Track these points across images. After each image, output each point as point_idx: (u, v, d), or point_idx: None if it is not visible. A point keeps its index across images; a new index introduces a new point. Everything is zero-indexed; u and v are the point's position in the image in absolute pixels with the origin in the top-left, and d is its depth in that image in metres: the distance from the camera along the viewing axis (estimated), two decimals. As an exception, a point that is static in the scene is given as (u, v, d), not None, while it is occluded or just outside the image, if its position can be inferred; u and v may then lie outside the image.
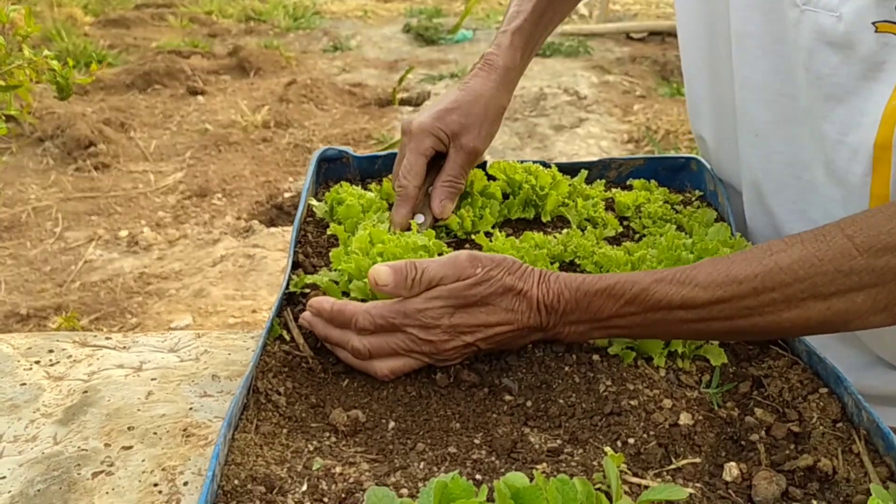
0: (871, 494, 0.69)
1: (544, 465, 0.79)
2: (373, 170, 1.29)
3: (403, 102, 5.93)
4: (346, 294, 1.00)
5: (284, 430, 0.84)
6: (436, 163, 1.14)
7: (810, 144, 0.99)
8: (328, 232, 1.10)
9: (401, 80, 6.02)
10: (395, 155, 1.30)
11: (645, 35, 7.77)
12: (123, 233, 3.88)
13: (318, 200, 1.19)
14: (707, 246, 1.03)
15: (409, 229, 1.08)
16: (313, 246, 1.12)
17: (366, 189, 1.22)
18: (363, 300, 0.95)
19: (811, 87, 0.94)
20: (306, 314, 0.95)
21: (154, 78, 5.87)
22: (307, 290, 1.02)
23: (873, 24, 0.86)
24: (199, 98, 5.74)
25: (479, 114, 1.13)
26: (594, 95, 6.25)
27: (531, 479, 0.70)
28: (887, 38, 0.86)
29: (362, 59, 7.11)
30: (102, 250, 3.73)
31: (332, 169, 1.29)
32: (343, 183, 1.19)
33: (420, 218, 1.12)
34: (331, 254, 1.04)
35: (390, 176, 1.27)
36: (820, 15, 0.91)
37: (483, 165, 1.26)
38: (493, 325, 0.87)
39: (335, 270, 1.01)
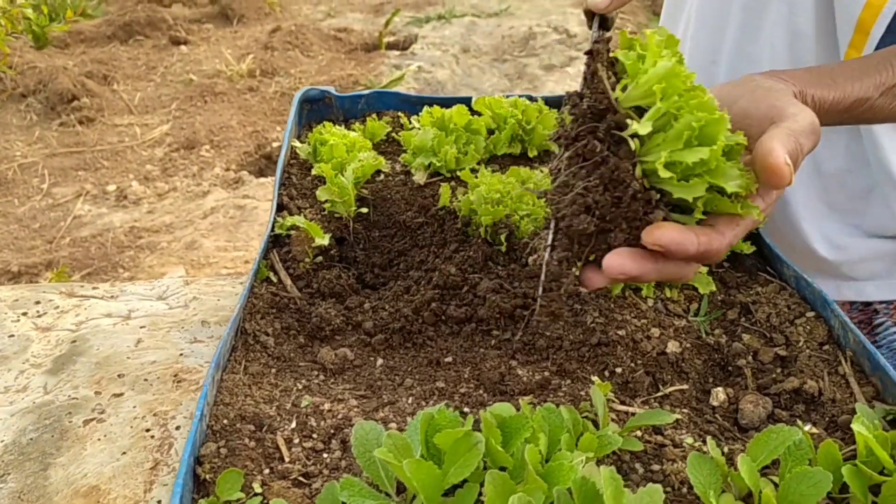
0: (856, 414, 0.70)
1: (531, 396, 0.80)
2: (356, 110, 1.27)
3: (390, 47, 5.83)
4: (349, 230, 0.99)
5: (273, 370, 0.84)
6: None
7: None
8: (313, 172, 1.08)
9: (387, 23, 5.91)
10: (378, 93, 1.28)
11: (635, -30, 7.61)
12: (111, 187, 3.85)
13: (302, 142, 1.17)
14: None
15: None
16: (297, 188, 1.11)
17: (349, 129, 1.20)
18: None
19: None
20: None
21: (135, 28, 5.75)
22: (292, 232, 1.01)
23: None
24: (183, 48, 5.63)
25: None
26: (584, 33, 6.14)
27: (518, 410, 0.70)
28: None
29: (347, 3, 6.97)
30: (91, 206, 3.70)
31: (316, 110, 1.26)
32: (326, 123, 1.17)
33: None
34: (317, 192, 1.03)
35: (374, 115, 1.25)
36: None
37: (468, 101, 1.24)
38: None
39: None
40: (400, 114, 1.26)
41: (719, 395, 0.81)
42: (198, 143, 4.22)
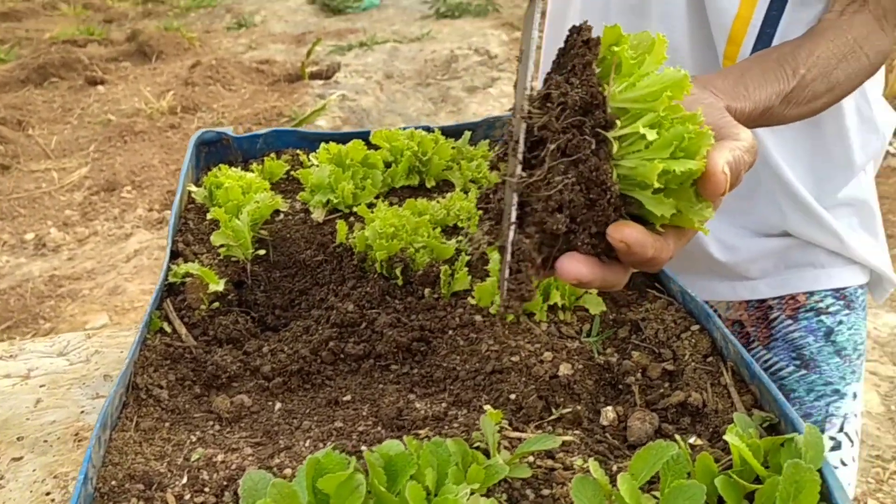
0: (731, 424, 0.73)
1: (427, 429, 0.80)
2: (255, 150, 1.27)
3: (314, 76, 5.83)
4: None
5: (167, 424, 0.83)
6: None
7: None
8: (208, 217, 1.08)
9: (309, 53, 5.92)
10: (276, 132, 1.28)
11: (551, -11, 7.79)
12: (30, 235, 3.74)
13: (198, 186, 1.17)
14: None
15: None
16: (194, 233, 1.10)
17: (248, 170, 1.20)
18: None
19: None
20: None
21: (50, 70, 5.62)
22: (187, 280, 1.00)
23: None
24: (100, 88, 5.52)
25: None
26: (505, 53, 6.25)
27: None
28: None
29: (268, 35, 6.95)
30: (9, 256, 3.59)
31: (214, 153, 1.26)
32: (222, 166, 1.16)
33: None
34: (212, 237, 1.03)
35: (272, 155, 1.25)
36: None
37: (366, 135, 1.25)
38: None
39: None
40: (299, 151, 1.26)
41: (608, 414, 0.83)
42: (118, 185, 4.14)
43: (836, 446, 1.15)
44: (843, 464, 1.10)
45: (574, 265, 0.62)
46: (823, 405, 1.16)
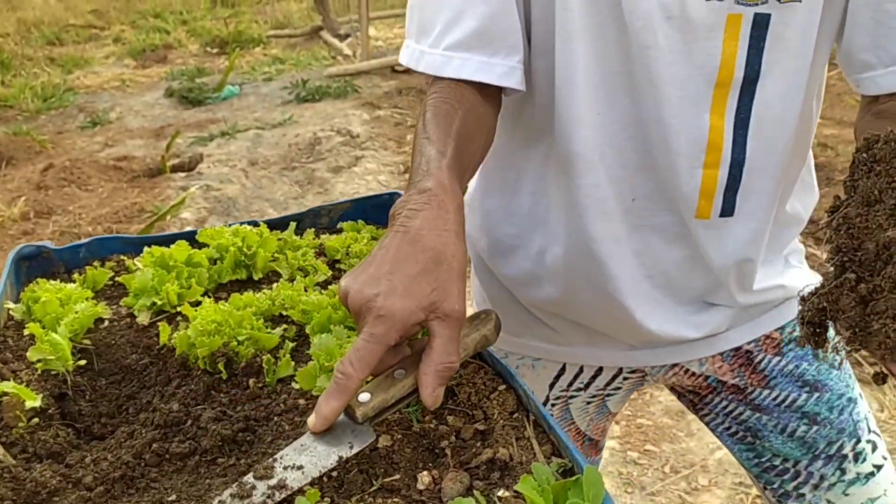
0: (525, 475, 0.79)
1: (248, 518, 0.83)
2: (78, 259, 1.28)
3: (175, 169, 5.77)
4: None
5: (-21, 552, 0.81)
6: None
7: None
8: (25, 332, 1.08)
9: (168, 145, 5.87)
10: (99, 240, 1.29)
11: (408, 67, 8.08)
12: None
13: (16, 303, 1.16)
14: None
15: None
16: (13, 351, 1.09)
17: (70, 281, 1.20)
18: None
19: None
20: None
21: None
22: (3, 399, 0.99)
23: None
24: (-56, 200, 5.26)
25: (450, 269, 0.89)
26: (367, 132, 6.42)
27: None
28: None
29: (125, 131, 6.84)
30: None
31: (36, 266, 1.25)
32: (39, 280, 1.16)
33: (365, 396, 0.89)
34: (28, 353, 1.02)
35: (96, 263, 1.26)
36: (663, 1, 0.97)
37: (192, 235, 1.28)
38: None
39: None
40: (124, 257, 1.28)
41: (424, 478, 0.88)
42: (-34, 300, 3.91)
43: (875, 447, 1.21)
44: (885, 458, 1.15)
45: None
46: (848, 416, 1.22)
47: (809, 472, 1.23)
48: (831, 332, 0.68)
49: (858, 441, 1.22)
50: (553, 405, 1.32)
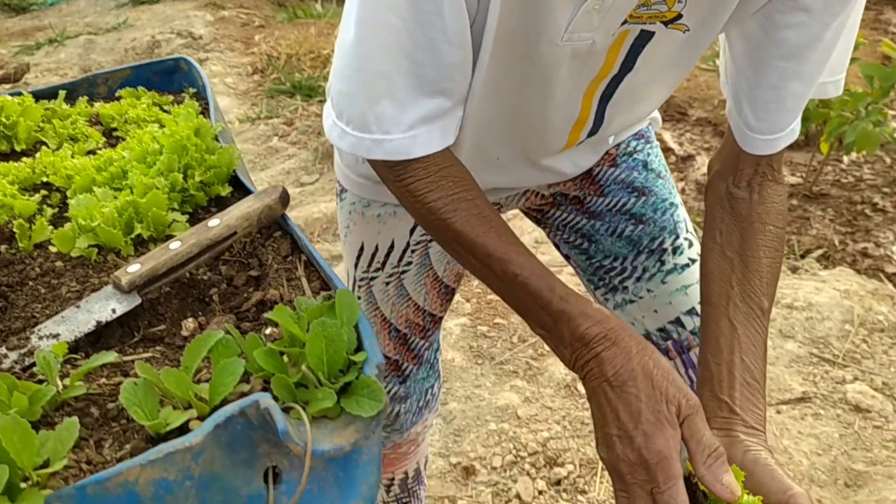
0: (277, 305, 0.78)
1: (-9, 378, 0.78)
2: None
3: (1, 81, 5.28)
4: None
5: None
6: None
7: None
8: None
9: (-13, 56, 5.34)
10: None
11: (252, -36, 7.63)
12: None
13: None
14: (176, 132, 1.06)
15: None
16: None
17: None
18: None
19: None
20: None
21: None
22: None
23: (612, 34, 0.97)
24: None
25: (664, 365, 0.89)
26: (211, 34, 6.06)
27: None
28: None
29: (-63, 43, 6.18)
30: None
31: None
32: None
33: (135, 267, 0.86)
34: None
35: None
36: (574, 44, 0.96)
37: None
38: None
39: None
40: None
41: (189, 325, 0.85)
42: None
43: (691, 244, 1.33)
44: (699, 255, 1.19)
45: None
46: (669, 217, 1.32)
47: (634, 266, 1.34)
48: None
49: (677, 238, 1.32)
50: (413, 251, 1.32)
